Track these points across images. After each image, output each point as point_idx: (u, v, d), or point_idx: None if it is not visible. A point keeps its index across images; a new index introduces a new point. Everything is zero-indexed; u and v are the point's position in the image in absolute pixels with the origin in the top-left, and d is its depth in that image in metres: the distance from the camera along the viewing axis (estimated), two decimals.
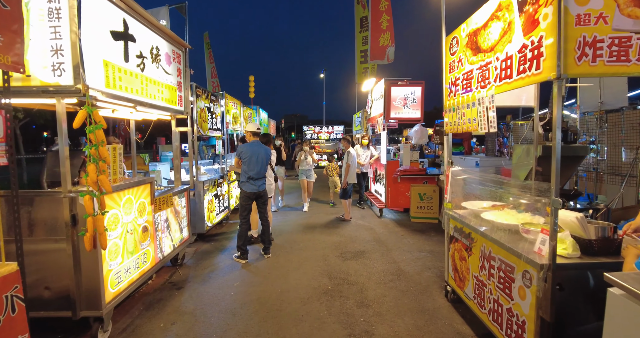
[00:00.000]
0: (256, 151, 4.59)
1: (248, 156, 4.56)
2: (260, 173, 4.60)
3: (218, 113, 6.48)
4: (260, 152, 4.60)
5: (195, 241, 5.50)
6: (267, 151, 4.69)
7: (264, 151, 4.65)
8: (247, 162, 4.58)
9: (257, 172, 4.57)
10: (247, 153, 4.57)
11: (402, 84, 6.88)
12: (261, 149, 4.64)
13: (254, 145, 4.64)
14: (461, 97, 2.92)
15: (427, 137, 7.38)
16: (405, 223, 6.57)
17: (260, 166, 4.59)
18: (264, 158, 4.62)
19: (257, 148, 4.62)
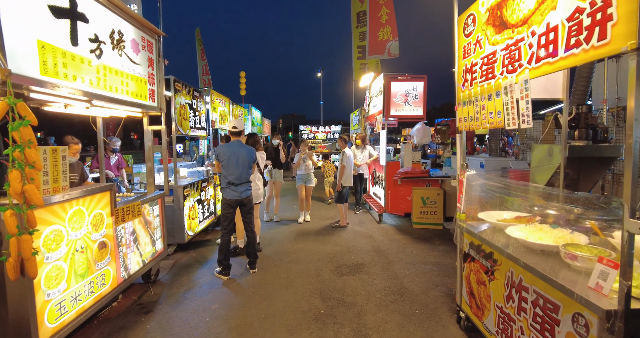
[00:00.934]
0: (235, 152, 4.06)
1: (226, 158, 4.03)
2: (241, 178, 4.07)
3: (202, 110, 5.94)
4: (240, 153, 4.07)
5: (175, 253, 4.96)
6: (249, 152, 4.15)
7: (246, 152, 4.12)
8: (225, 165, 4.05)
9: (237, 176, 4.04)
10: (225, 155, 4.04)
11: (402, 79, 6.36)
12: (242, 149, 4.10)
13: (234, 146, 4.11)
14: (479, 87, 2.40)
15: (430, 136, 6.86)
16: (407, 229, 6.05)
17: (241, 170, 4.06)
18: (245, 160, 4.09)
19: (237, 148, 4.09)
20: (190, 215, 5.11)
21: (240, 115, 8.80)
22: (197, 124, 5.67)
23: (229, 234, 4.13)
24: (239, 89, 11.83)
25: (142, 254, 3.60)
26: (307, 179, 6.56)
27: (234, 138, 4.26)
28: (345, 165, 6.09)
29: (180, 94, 5.01)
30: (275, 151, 6.66)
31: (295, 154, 6.52)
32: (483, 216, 2.67)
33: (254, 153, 4.25)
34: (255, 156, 4.25)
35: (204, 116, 5.98)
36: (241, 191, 4.09)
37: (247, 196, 4.15)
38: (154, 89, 3.88)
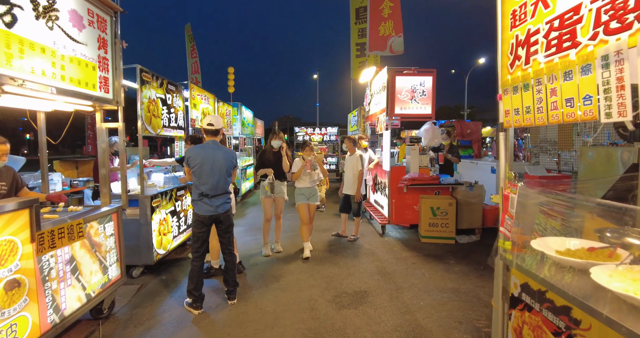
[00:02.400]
0: (210, 156, 3.29)
1: (198, 164, 3.26)
2: (217, 188, 3.29)
3: (179, 107, 5.16)
4: (216, 157, 3.30)
5: (142, 275, 4.16)
6: (228, 156, 3.38)
7: (224, 156, 3.34)
8: (197, 172, 3.27)
9: (212, 186, 3.27)
10: (197, 159, 3.26)
11: (409, 74, 5.64)
12: (218, 152, 3.33)
13: (208, 148, 3.33)
14: (544, 64, 1.66)
15: (441, 138, 6.14)
16: (415, 244, 5.29)
17: (217, 178, 3.29)
18: (222, 166, 3.32)
19: (213, 151, 3.32)
20: (161, 229, 4.32)
21: (228, 114, 8.03)
22: (173, 123, 4.89)
23: (201, 258, 3.33)
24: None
25: (85, 286, 2.80)
26: (311, 195, 4.80)
27: (210, 137, 3.47)
28: (363, 171, 5.38)
29: (150, 86, 4.23)
30: (275, 157, 4.75)
31: (294, 160, 4.79)
32: (538, 246, 1.92)
33: (234, 156, 3.48)
34: (235, 160, 3.48)
35: (181, 114, 5.20)
36: (217, 205, 3.31)
37: (224, 210, 3.37)
38: (108, 77, 3.10)
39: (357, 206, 5.42)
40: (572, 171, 7.16)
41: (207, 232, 3.36)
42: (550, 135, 7.71)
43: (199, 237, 3.32)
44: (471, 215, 5.65)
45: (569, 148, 7.17)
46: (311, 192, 4.80)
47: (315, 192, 4.84)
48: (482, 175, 7.76)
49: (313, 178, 4.77)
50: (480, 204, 5.69)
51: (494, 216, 5.88)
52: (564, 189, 2.72)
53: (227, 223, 3.42)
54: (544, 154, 7.95)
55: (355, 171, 5.33)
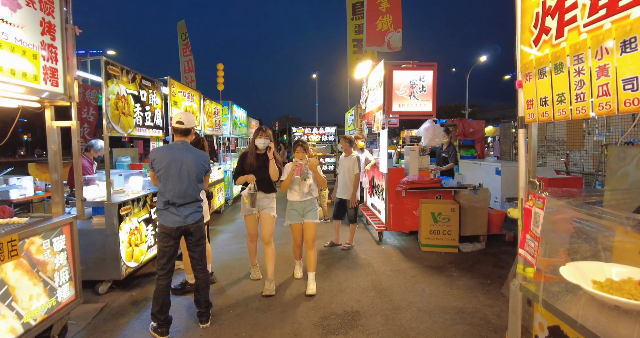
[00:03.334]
0: (178, 159, 2.85)
1: (163, 167, 2.82)
2: (185, 195, 2.86)
3: (157, 105, 4.73)
4: (185, 160, 2.86)
5: (110, 291, 3.72)
6: (198, 159, 2.94)
7: (193, 159, 2.90)
8: (162, 177, 2.83)
9: (178, 193, 2.83)
10: (162, 162, 2.82)
11: (407, 68, 5.19)
12: (187, 155, 2.89)
13: (176, 149, 2.89)
14: (587, 33, 1.22)
15: (442, 137, 5.69)
16: (414, 253, 4.85)
17: (185, 184, 2.85)
18: (192, 170, 2.88)
19: (181, 153, 2.88)
20: (132, 240, 3.88)
21: (217, 113, 7.59)
22: (148, 122, 4.46)
23: (167, 276, 2.88)
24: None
25: (22, 314, 2.36)
26: (306, 211, 3.65)
27: (179, 137, 3.03)
28: (360, 174, 4.94)
29: (119, 81, 3.79)
30: (260, 160, 3.66)
31: (285, 165, 3.70)
32: (570, 275, 1.48)
33: (206, 159, 3.03)
34: (208, 164, 3.03)
35: (159, 112, 4.77)
36: (186, 215, 2.87)
37: (194, 221, 2.92)
38: (57, 68, 2.66)
39: (353, 212, 4.98)
40: (582, 172, 6.71)
41: (175, 246, 2.92)
42: (558, 133, 7.27)
43: (165, 252, 2.86)
44: (475, 221, 5.21)
45: (579, 148, 6.72)
46: (306, 207, 3.64)
47: (311, 207, 3.66)
48: (486, 177, 7.31)
49: (303, 189, 3.58)
50: (485, 209, 5.25)
51: (500, 222, 5.44)
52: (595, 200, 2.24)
53: (198, 235, 2.98)
54: (551, 154, 7.51)
55: (352, 174, 4.89)
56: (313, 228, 3.70)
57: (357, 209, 5.03)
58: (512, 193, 6.81)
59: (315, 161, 3.60)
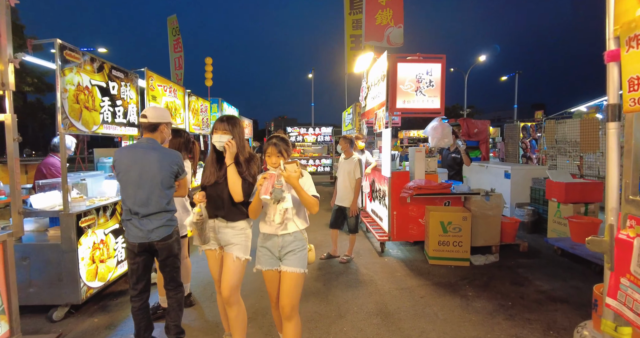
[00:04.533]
0: (138, 161, 2.37)
1: (122, 170, 2.38)
2: (148, 204, 2.33)
3: (132, 100, 4.17)
4: (147, 162, 2.37)
5: (68, 317, 3.15)
6: (164, 159, 2.40)
7: (157, 160, 2.38)
8: (121, 181, 2.40)
9: (139, 201, 2.34)
10: (122, 164, 2.38)
11: (413, 60, 4.69)
12: (150, 155, 2.38)
13: (139, 148, 2.41)
14: None
15: (451, 137, 5.19)
16: (421, 267, 4.33)
17: (147, 191, 2.35)
18: (155, 174, 2.36)
19: (143, 153, 2.38)
20: (96, 255, 3.32)
21: (205, 111, 7.03)
22: (120, 118, 3.89)
23: (140, 297, 2.44)
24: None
25: None
26: (285, 252, 2.26)
27: (145, 134, 2.52)
28: (362, 178, 4.41)
29: (80, 70, 3.23)
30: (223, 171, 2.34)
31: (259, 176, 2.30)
32: None
33: (175, 159, 2.47)
34: (177, 166, 2.48)
35: (134, 108, 4.21)
36: (150, 229, 2.33)
37: (160, 237, 2.38)
38: None
39: (354, 221, 4.45)
40: (597, 176, 6.26)
41: (143, 263, 2.43)
42: (571, 135, 6.82)
43: (133, 270, 2.42)
44: (488, 230, 4.71)
45: (594, 150, 6.27)
46: (284, 246, 2.23)
47: (294, 246, 2.24)
48: (494, 181, 6.84)
49: (276, 217, 2.12)
50: (499, 217, 4.76)
51: (513, 231, 4.95)
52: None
53: (165, 254, 2.43)
54: (562, 157, 7.06)
55: (352, 178, 4.36)
56: (294, 283, 2.17)
57: (358, 217, 4.51)
58: (522, 198, 6.34)
59: (294, 171, 2.12)
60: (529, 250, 4.93)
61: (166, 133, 2.60)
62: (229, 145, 2.25)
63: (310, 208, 2.18)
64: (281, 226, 2.20)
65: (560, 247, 4.62)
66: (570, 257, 4.56)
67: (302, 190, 2.13)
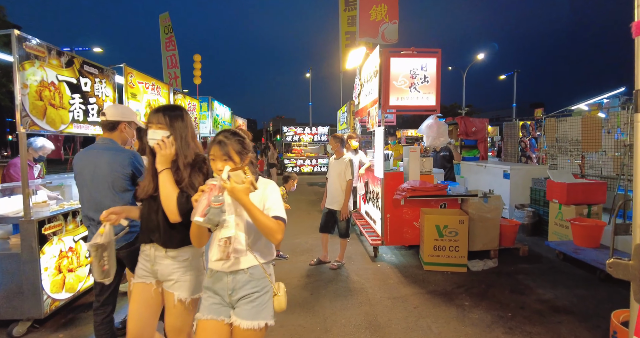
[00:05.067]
0: (91, 162, 2.20)
1: (77, 173, 2.25)
2: (101, 209, 2.00)
3: (108, 97, 3.92)
4: (99, 162, 2.18)
5: (31, 332, 2.90)
6: (113, 160, 2.18)
7: (107, 161, 2.17)
8: (77, 185, 2.28)
9: (93, 205, 2.18)
10: (77, 166, 2.25)
11: (407, 55, 4.46)
12: (102, 156, 2.19)
13: (93, 149, 2.26)
14: None
15: (448, 135, 4.96)
16: (415, 273, 4.10)
17: (100, 194, 2.17)
18: (105, 176, 2.16)
19: (96, 155, 2.22)
20: (64, 265, 3.07)
21: (193, 109, 6.78)
22: (93, 117, 3.65)
23: (103, 311, 2.22)
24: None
25: None
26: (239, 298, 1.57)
27: (104, 133, 2.32)
28: (354, 179, 4.18)
29: (44, 63, 2.98)
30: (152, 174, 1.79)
31: None
32: None
33: (129, 161, 2.19)
34: (130, 167, 2.19)
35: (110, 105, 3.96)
36: None
37: (119, 246, 2.14)
38: None
39: (345, 225, 4.21)
40: (600, 176, 6.03)
41: None
42: (572, 133, 6.58)
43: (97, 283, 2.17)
44: (486, 234, 4.48)
45: (596, 149, 6.03)
46: (236, 287, 1.56)
47: (252, 287, 1.57)
48: (492, 181, 6.61)
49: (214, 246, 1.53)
50: (497, 220, 4.53)
51: (513, 234, 4.72)
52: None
53: (132, 262, 2.15)
54: (563, 156, 6.82)
55: (343, 180, 4.12)
56: None
57: (349, 221, 4.27)
58: (522, 199, 6.11)
59: (242, 181, 1.40)
60: (530, 254, 4.70)
61: (128, 133, 2.35)
62: (161, 145, 1.67)
63: (270, 235, 1.48)
64: (231, 261, 1.51)
65: (563, 251, 4.39)
66: (573, 262, 4.33)
67: (254, 209, 1.43)
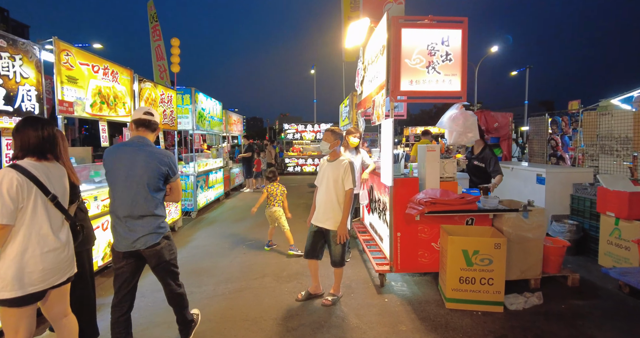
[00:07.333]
0: (126, 159, 2.19)
1: (109, 169, 2.21)
2: (134, 207, 2.17)
3: (26, 79, 2.95)
4: (135, 161, 2.19)
5: None
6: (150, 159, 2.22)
7: (145, 159, 2.20)
8: (109, 181, 2.23)
9: (125, 203, 2.18)
10: (109, 163, 2.22)
11: (423, 25, 3.42)
12: (139, 154, 2.20)
13: (128, 147, 2.24)
14: None
15: (477, 131, 3.90)
16: (436, 315, 3.07)
17: (132, 192, 2.17)
18: (141, 174, 2.19)
19: (133, 152, 2.21)
20: None
21: (169, 102, 5.81)
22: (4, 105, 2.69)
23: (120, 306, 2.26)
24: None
25: None
26: None
27: (140, 131, 2.33)
28: (354, 188, 3.14)
29: None
30: None
31: None
32: None
33: (165, 160, 2.27)
34: (166, 167, 2.27)
35: (29, 90, 2.99)
36: (134, 238, 2.18)
37: (146, 246, 2.20)
38: None
39: (340, 250, 3.16)
40: None
41: (129, 267, 2.26)
42: (618, 128, 5.47)
43: (117, 275, 2.27)
44: (525, 259, 3.46)
45: None
46: None
47: None
48: (522, 186, 5.54)
49: None
50: (541, 241, 3.49)
51: (559, 258, 3.67)
52: None
53: (155, 262, 2.29)
54: (606, 156, 5.72)
55: (340, 189, 3.09)
56: None
57: (347, 244, 3.24)
58: (561, 208, 5.03)
59: None
60: (580, 283, 3.64)
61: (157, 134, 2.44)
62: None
63: None
64: None
65: (629, 283, 3.33)
66: None
67: None
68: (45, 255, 1.77)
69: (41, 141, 1.86)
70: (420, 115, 49.22)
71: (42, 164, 1.86)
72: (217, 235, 5.71)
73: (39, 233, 1.77)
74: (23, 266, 1.71)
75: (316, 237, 3.19)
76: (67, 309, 2.03)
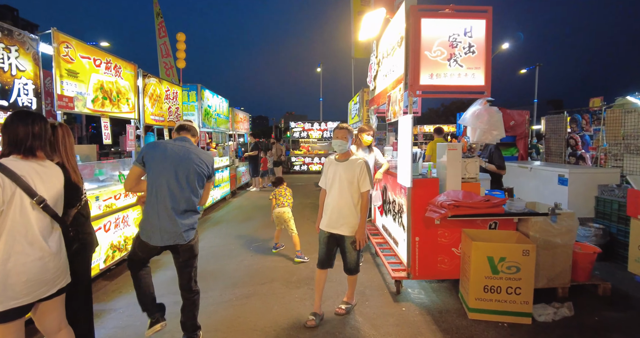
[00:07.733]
0: (179, 155, 2.26)
1: (158, 160, 2.21)
2: (181, 201, 2.23)
3: (23, 72, 2.79)
4: (186, 156, 2.27)
5: None
6: (200, 159, 2.34)
7: (194, 157, 2.30)
8: (155, 175, 2.20)
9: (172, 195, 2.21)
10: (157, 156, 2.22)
11: (444, 15, 3.19)
12: (191, 152, 2.31)
13: (179, 142, 2.34)
14: None
15: (503, 128, 3.67)
16: (458, 326, 2.85)
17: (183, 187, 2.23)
18: (192, 173, 2.27)
19: (184, 150, 2.30)
20: None
21: (174, 98, 5.64)
22: None
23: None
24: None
25: None
26: None
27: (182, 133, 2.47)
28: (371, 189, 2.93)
29: None
30: None
31: None
32: None
33: (210, 161, 2.44)
34: (211, 168, 2.43)
35: (25, 83, 2.82)
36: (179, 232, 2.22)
37: (187, 241, 2.27)
38: None
39: (356, 257, 2.94)
40: None
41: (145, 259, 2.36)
42: None
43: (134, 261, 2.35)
44: (553, 266, 3.22)
45: None
46: None
47: None
48: (542, 188, 5.28)
49: None
50: (570, 247, 3.25)
51: (588, 264, 3.43)
52: None
53: (189, 255, 2.35)
54: (632, 156, 5.42)
55: (355, 191, 2.85)
56: None
57: (361, 250, 3.03)
58: (585, 211, 4.76)
59: None
60: (612, 293, 3.39)
61: None
62: None
63: None
64: None
65: None
66: None
67: None
68: (30, 264, 1.58)
69: (30, 136, 1.67)
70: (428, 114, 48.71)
71: (30, 163, 1.67)
72: (224, 235, 5.54)
73: (24, 240, 1.59)
74: (4, 277, 1.53)
75: (330, 244, 2.96)
76: (61, 322, 1.84)
